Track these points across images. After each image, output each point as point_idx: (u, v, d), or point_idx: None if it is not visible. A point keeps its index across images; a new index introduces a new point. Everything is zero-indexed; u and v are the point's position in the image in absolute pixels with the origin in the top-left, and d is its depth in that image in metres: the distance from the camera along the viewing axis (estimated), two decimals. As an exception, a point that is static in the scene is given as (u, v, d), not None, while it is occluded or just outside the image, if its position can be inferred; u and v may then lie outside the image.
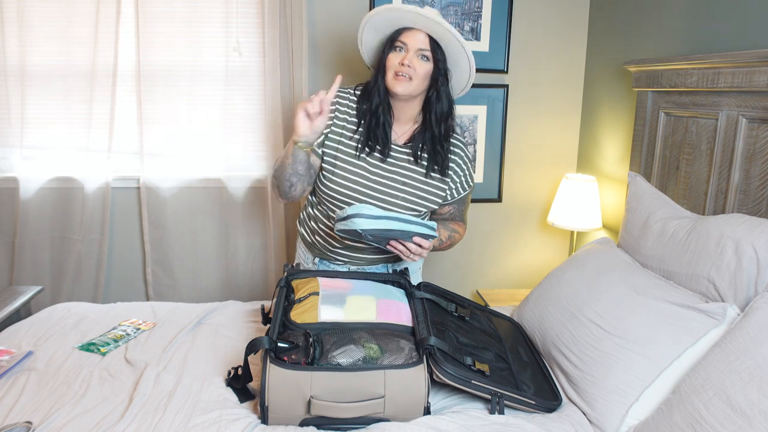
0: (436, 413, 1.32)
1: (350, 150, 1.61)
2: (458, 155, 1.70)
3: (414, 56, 1.52)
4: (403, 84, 1.52)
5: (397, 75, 1.52)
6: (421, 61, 1.53)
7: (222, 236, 2.52)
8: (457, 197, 1.72)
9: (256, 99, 2.44)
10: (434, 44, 1.52)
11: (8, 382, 1.39)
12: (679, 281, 1.53)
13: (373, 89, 1.59)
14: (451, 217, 1.76)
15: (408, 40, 1.51)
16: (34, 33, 2.26)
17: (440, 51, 1.54)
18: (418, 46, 1.51)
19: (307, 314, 1.41)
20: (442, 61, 1.55)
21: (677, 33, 1.97)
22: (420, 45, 1.51)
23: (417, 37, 1.51)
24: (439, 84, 1.56)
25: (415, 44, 1.51)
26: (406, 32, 1.52)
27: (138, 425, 1.22)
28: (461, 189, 1.71)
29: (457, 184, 1.70)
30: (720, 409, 1.08)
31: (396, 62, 1.52)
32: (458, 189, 1.71)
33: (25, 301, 1.96)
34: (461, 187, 1.71)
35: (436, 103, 1.59)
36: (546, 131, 2.68)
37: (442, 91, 1.57)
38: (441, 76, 1.56)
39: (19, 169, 2.35)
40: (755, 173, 1.55)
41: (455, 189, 1.70)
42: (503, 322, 1.73)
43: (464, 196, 1.74)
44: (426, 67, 1.54)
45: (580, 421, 1.32)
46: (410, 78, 1.52)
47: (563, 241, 2.81)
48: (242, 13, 2.34)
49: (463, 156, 1.70)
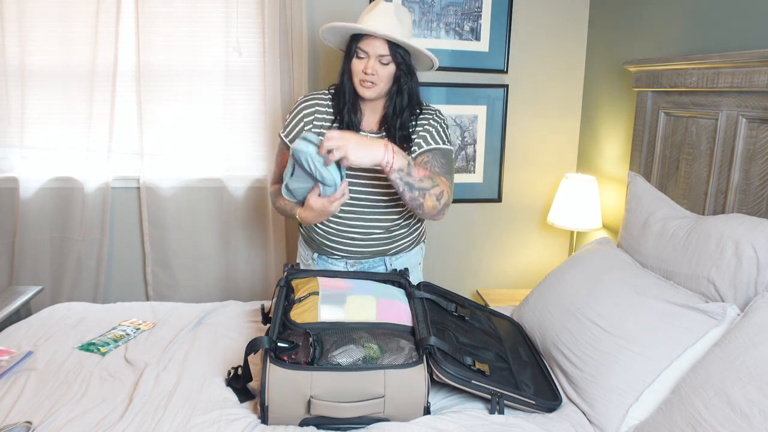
0: (436, 413, 1.32)
1: None
2: (428, 118, 1.70)
3: (375, 62, 1.57)
4: (369, 90, 1.60)
5: (363, 82, 1.59)
6: (382, 66, 1.58)
7: (222, 236, 2.52)
8: (427, 147, 1.67)
9: (256, 99, 2.44)
10: (393, 47, 1.56)
11: (8, 382, 1.39)
12: (679, 281, 1.53)
13: (340, 88, 1.65)
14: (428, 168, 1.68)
15: (368, 48, 1.56)
16: (34, 33, 2.26)
17: (400, 50, 1.58)
18: (378, 53, 1.56)
19: (307, 314, 1.41)
20: (404, 61, 1.59)
21: (677, 33, 1.97)
22: (379, 51, 1.56)
23: (375, 44, 1.55)
24: (402, 82, 1.62)
25: (375, 51, 1.56)
26: (365, 39, 1.56)
27: (138, 425, 1.22)
28: (431, 140, 1.68)
29: (427, 137, 1.68)
30: (720, 408, 1.08)
31: (360, 69, 1.58)
32: (427, 140, 1.68)
33: (25, 301, 1.96)
34: (431, 138, 1.68)
35: (396, 97, 1.64)
36: (546, 131, 2.69)
37: (404, 88, 1.63)
38: (404, 74, 1.61)
39: (19, 169, 2.35)
40: (755, 173, 1.55)
41: (424, 141, 1.67)
42: (503, 322, 1.73)
43: (439, 148, 1.68)
44: (388, 70, 1.59)
45: (580, 421, 1.32)
46: (375, 83, 1.59)
47: (563, 241, 2.81)
48: (242, 13, 2.34)
49: (432, 117, 1.71)
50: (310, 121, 1.68)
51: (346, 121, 1.65)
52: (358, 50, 1.58)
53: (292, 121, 1.70)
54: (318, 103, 1.70)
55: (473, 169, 2.65)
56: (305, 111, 1.69)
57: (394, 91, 1.64)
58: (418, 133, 1.69)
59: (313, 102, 1.70)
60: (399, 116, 1.65)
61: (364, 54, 1.58)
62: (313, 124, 1.69)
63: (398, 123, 1.65)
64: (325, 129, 1.68)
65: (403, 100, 1.64)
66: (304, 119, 1.69)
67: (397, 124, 1.65)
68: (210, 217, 2.50)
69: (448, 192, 1.61)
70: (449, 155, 1.70)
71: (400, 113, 1.65)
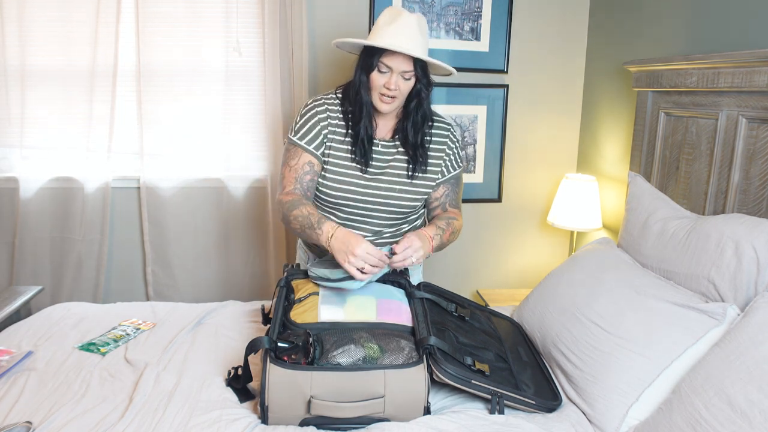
0: (436, 413, 1.32)
1: (343, 153, 1.65)
2: (445, 136, 1.72)
3: (398, 78, 1.54)
4: (388, 105, 1.57)
5: (383, 97, 1.56)
6: (404, 81, 1.55)
7: (222, 236, 2.52)
8: (448, 176, 1.73)
9: (256, 99, 2.44)
10: (416, 62, 1.53)
11: (8, 382, 1.39)
12: (679, 281, 1.53)
13: (355, 99, 1.60)
14: (447, 201, 1.75)
15: (392, 63, 1.51)
16: (34, 33, 2.26)
17: (421, 64, 1.55)
18: (402, 69, 1.52)
19: (307, 314, 1.41)
20: (424, 75, 1.58)
21: (677, 33, 1.97)
22: (403, 68, 1.52)
23: (400, 59, 1.51)
24: (422, 96, 1.61)
25: (399, 67, 1.52)
26: (390, 54, 1.51)
27: (138, 425, 1.22)
28: (451, 168, 1.73)
29: (447, 162, 1.72)
30: (720, 408, 1.08)
31: (381, 83, 1.54)
32: (448, 168, 1.72)
33: (25, 301, 1.96)
34: (451, 165, 1.73)
35: (413, 110, 1.63)
36: (546, 131, 2.69)
37: (424, 102, 1.62)
38: (423, 88, 1.60)
39: (19, 169, 2.35)
40: (755, 173, 1.55)
41: (445, 167, 1.72)
42: (503, 322, 1.73)
43: (456, 175, 1.75)
44: (409, 84, 1.57)
45: (580, 420, 1.32)
46: (395, 98, 1.57)
47: (563, 241, 2.81)
48: (242, 13, 2.34)
49: (449, 135, 1.73)
50: (326, 126, 1.63)
51: (362, 136, 1.62)
52: (380, 64, 1.53)
53: (306, 125, 1.63)
54: (329, 108, 1.64)
55: (473, 169, 2.65)
56: (319, 116, 1.63)
57: (413, 105, 1.62)
58: (435, 149, 1.70)
59: (324, 107, 1.64)
60: (413, 126, 1.65)
61: (387, 69, 1.53)
62: (330, 130, 1.64)
63: (413, 132, 1.65)
64: (338, 137, 1.64)
65: (419, 112, 1.64)
66: (320, 123, 1.62)
67: (410, 134, 1.65)
68: (210, 217, 2.50)
69: (460, 225, 1.72)
70: (461, 177, 1.78)
71: (414, 123, 1.64)
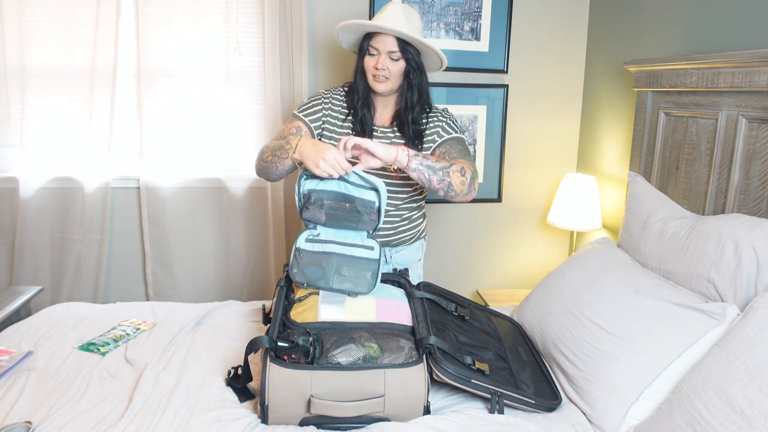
0: (435, 412, 1.32)
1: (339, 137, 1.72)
2: (436, 116, 1.78)
3: (386, 59, 1.66)
4: (382, 84, 1.69)
5: (375, 77, 1.68)
6: (393, 62, 1.67)
7: (222, 236, 2.52)
8: (440, 140, 1.74)
9: (256, 99, 2.44)
10: (403, 44, 1.65)
11: (8, 382, 1.39)
12: (679, 281, 1.53)
13: (355, 86, 1.75)
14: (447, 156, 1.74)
15: (378, 45, 1.66)
16: (34, 33, 2.26)
17: (410, 48, 1.66)
18: (388, 49, 1.65)
19: (307, 313, 1.41)
20: (413, 57, 1.67)
21: (677, 33, 1.98)
22: (389, 47, 1.65)
23: (386, 41, 1.65)
24: (411, 78, 1.70)
25: (385, 47, 1.65)
26: (376, 37, 1.66)
27: (138, 425, 1.22)
28: (443, 132, 1.75)
29: (440, 130, 1.75)
30: (720, 408, 1.08)
31: (371, 65, 1.68)
32: (440, 133, 1.75)
33: (25, 301, 1.96)
34: (443, 131, 1.75)
35: (407, 92, 1.72)
36: (546, 131, 2.69)
37: (414, 83, 1.71)
38: (413, 70, 1.69)
39: (19, 169, 2.35)
40: (755, 173, 1.55)
41: (438, 135, 1.75)
42: (503, 322, 1.73)
43: (453, 137, 1.75)
44: (399, 65, 1.68)
45: (580, 420, 1.32)
46: (387, 78, 1.68)
47: (563, 241, 2.81)
48: (242, 13, 2.34)
49: (438, 116, 1.78)
50: (326, 108, 1.76)
51: (360, 117, 1.73)
52: (370, 48, 1.67)
53: (309, 103, 1.78)
54: (333, 97, 1.79)
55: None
56: (322, 99, 1.77)
57: (405, 88, 1.72)
58: (430, 130, 1.75)
59: (328, 96, 1.79)
60: (411, 111, 1.73)
61: (375, 51, 1.67)
62: (330, 113, 1.76)
63: (410, 118, 1.73)
64: (338, 123, 1.75)
65: (414, 96, 1.72)
66: (321, 104, 1.76)
67: (409, 119, 1.73)
68: (210, 217, 2.50)
69: (469, 168, 1.63)
70: (463, 142, 1.78)
71: (411, 108, 1.73)
